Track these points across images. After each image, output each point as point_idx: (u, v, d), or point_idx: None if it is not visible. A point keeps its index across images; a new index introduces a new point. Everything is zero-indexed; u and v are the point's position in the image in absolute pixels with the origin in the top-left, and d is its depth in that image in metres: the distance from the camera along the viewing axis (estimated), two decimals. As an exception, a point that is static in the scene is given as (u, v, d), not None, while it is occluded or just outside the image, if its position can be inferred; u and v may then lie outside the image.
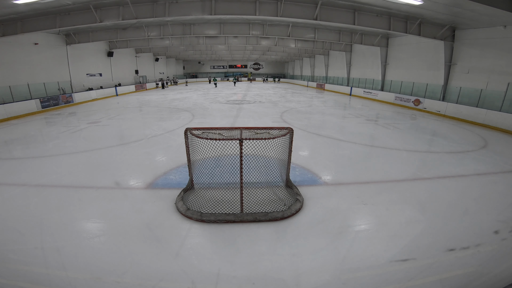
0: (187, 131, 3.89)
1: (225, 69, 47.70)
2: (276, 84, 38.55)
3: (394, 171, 5.55)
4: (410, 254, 3.00)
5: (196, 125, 9.79)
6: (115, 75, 23.10)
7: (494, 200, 4.36)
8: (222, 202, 3.96)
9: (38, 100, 13.28)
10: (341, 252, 3.04)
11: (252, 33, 15.54)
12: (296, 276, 2.68)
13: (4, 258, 2.89)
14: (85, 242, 3.19)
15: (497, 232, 3.45)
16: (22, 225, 3.50)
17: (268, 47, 26.69)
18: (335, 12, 10.95)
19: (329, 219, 3.72)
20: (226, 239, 3.27)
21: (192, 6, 10.24)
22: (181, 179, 4.90)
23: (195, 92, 24.22)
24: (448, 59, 13.32)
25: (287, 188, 4.52)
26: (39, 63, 14.92)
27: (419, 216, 3.84)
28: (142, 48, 24.74)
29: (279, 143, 4.03)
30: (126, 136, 8.48)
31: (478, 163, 6.17)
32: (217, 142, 3.69)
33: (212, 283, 2.59)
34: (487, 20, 10.43)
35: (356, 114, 12.99)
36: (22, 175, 5.19)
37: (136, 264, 2.82)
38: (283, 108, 14.48)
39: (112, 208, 3.96)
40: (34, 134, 8.99)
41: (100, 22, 10.97)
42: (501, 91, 10.45)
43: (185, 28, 15.31)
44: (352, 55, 23.05)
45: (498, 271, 2.83)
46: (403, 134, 8.99)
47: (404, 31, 12.14)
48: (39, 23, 11.49)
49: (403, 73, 17.05)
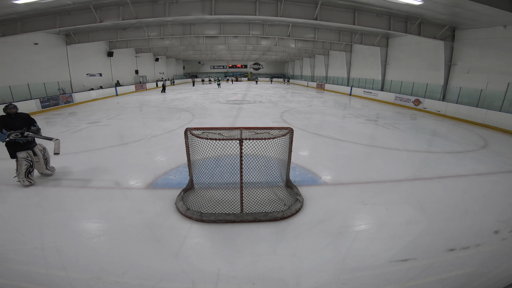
0: (187, 131, 3.89)
1: (225, 69, 47.71)
2: (286, 85, 36.10)
3: (394, 171, 5.55)
4: (410, 254, 3.00)
5: (196, 125, 9.79)
6: (115, 75, 23.10)
7: (494, 200, 4.36)
8: (222, 202, 3.96)
9: (38, 100, 13.29)
10: (341, 252, 3.04)
11: (252, 33, 15.54)
12: (296, 276, 2.68)
13: (4, 258, 2.88)
14: (85, 242, 3.19)
15: (497, 232, 3.45)
16: (22, 225, 3.50)
17: (268, 47, 26.70)
18: (335, 12, 10.95)
19: (329, 219, 3.72)
20: (226, 239, 3.27)
21: (192, 6, 10.24)
22: (181, 179, 4.90)
23: (195, 92, 24.23)
24: (448, 59, 13.33)
25: (287, 188, 4.52)
26: (39, 63, 14.92)
27: (419, 216, 3.84)
28: (142, 48, 24.75)
29: (279, 143, 4.03)
30: (126, 136, 8.48)
31: (478, 163, 6.17)
32: (217, 142, 3.69)
33: (212, 283, 2.59)
34: (487, 20, 10.43)
35: (356, 114, 12.99)
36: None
37: (136, 264, 2.81)
38: (283, 108, 14.48)
39: (112, 208, 3.96)
40: (34, 134, 8.98)
41: (100, 22, 10.98)
42: (501, 91, 10.45)
43: (185, 28, 15.31)
44: (352, 55, 23.06)
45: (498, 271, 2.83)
46: (403, 134, 8.99)
47: (404, 31, 12.14)
48: (39, 23, 11.49)
49: (403, 73, 17.05)
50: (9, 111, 4.57)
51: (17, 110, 4.69)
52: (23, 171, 4.61)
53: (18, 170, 4.65)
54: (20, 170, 4.62)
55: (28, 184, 4.68)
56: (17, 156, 4.61)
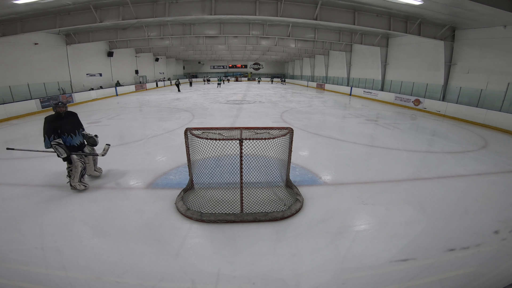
0: (187, 131, 3.89)
1: (225, 69, 47.71)
2: (282, 84, 36.76)
3: (394, 171, 5.55)
4: (410, 254, 3.00)
5: (196, 125, 9.79)
6: (115, 75, 23.11)
7: (494, 200, 4.36)
8: (222, 202, 3.96)
9: (38, 100, 13.27)
10: (341, 252, 3.04)
11: (252, 33, 15.54)
12: (296, 276, 2.68)
13: (4, 258, 2.89)
14: (85, 242, 3.19)
15: (497, 232, 3.45)
16: (22, 225, 3.50)
17: (268, 47, 26.70)
18: (335, 12, 10.95)
19: (329, 219, 3.72)
20: (226, 239, 3.27)
21: (192, 6, 10.24)
22: (181, 179, 4.91)
23: (195, 92, 24.23)
24: (448, 59, 13.33)
25: (287, 188, 4.52)
26: (39, 63, 14.92)
27: (419, 216, 3.84)
28: (142, 48, 24.76)
29: (279, 143, 4.03)
30: (126, 136, 8.48)
31: (478, 163, 6.17)
32: (217, 142, 3.69)
33: (212, 283, 2.59)
34: (487, 20, 10.43)
35: (356, 114, 12.99)
36: (22, 175, 5.20)
37: (136, 264, 2.81)
38: (283, 108, 14.48)
39: (112, 208, 3.96)
40: (34, 134, 8.99)
41: (100, 22, 10.98)
42: (501, 91, 10.45)
43: (185, 28, 15.32)
44: (352, 55, 23.05)
45: (498, 271, 2.83)
46: (403, 134, 8.99)
47: (404, 31, 12.14)
48: (39, 23, 11.49)
49: (403, 73, 17.05)
50: (59, 110, 4.21)
51: (67, 108, 4.35)
52: (79, 174, 4.28)
53: (71, 174, 4.29)
54: (75, 173, 4.26)
55: (83, 188, 4.39)
56: (72, 159, 4.24)
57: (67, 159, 4.27)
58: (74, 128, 4.42)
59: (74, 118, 4.51)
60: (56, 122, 4.19)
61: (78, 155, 4.32)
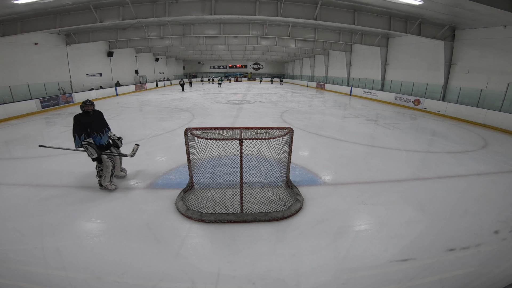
0: (187, 131, 3.88)
1: (225, 69, 47.71)
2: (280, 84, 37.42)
3: (394, 171, 5.55)
4: (410, 254, 3.00)
5: (196, 125, 9.79)
6: (115, 75, 23.10)
7: (494, 200, 4.36)
8: (222, 202, 3.96)
9: (38, 100, 13.27)
10: (341, 252, 3.04)
11: (252, 33, 15.54)
12: (296, 276, 2.68)
13: (4, 258, 2.89)
14: (85, 242, 3.18)
15: (497, 232, 3.45)
16: (22, 225, 3.50)
17: (268, 47, 26.70)
18: (335, 12, 10.95)
19: (329, 219, 3.72)
20: (226, 239, 3.27)
21: (192, 6, 10.24)
22: (181, 179, 4.91)
23: (195, 92, 24.23)
24: (448, 59, 13.33)
25: (287, 188, 4.52)
26: (39, 63, 14.92)
27: (419, 216, 3.84)
28: (142, 48, 24.75)
29: (279, 143, 4.03)
30: (126, 136, 8.44)
31: (478, 163, 6.17)
32: (217, 142, 3.69)
33: (212, 283, 2.59)
34: (487, 20, 10.43)
35: (356, 114, 12.99)
36: (22, 175, 5.20)
37: (136, 264, 2.81)
38: (283, 108, 14.48)
39: (112, 208, 3.96)
40: (34, 134, 8.99)
41: (100, 22, 10.98)
42: (501, 91, 10.45)
43: (185, 28, 15.32)
44: (352, 55, 23.06)
45: (498, 271, 2.83)
46: (403, 134, 8.99)
47: (404, 31, 12.14)
48: (39, 23, 11.50)
49: (403, 73, 17.05)
50: (87, 108, 4.15)
51: (94, 107, 4.27)
52: (109, 173, 4.22)
53: (102, 174, 4.23)
54: (105, 173, 4.21)
55: (114, 188, 4.37)
56: (103, 158, 4.17)
57: (97, 159, 4.21)
58: (102, 127, 4.39)
59: (101, 117, 4.48)
60: (85, 121, 4.16)
61: (108, 155, 4.30)
